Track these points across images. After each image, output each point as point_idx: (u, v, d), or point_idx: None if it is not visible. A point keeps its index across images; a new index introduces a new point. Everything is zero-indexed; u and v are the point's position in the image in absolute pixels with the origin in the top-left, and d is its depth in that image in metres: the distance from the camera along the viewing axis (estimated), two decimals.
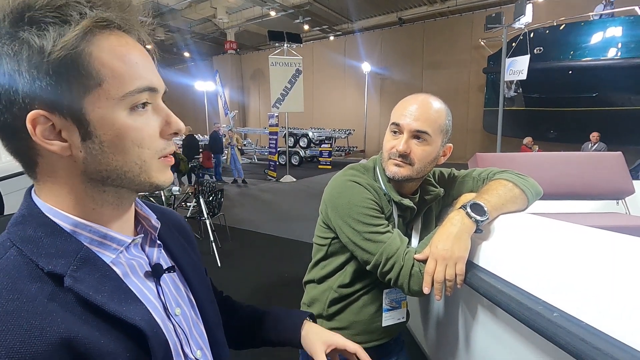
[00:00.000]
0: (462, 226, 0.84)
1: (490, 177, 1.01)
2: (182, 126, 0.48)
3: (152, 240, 0.54)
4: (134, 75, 0.42)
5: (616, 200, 2.09)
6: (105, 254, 0.45)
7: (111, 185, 0.45)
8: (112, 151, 0.42)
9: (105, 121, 0.41)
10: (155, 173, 0.46)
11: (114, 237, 0.46)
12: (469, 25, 14.09)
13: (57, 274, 0.39)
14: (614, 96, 9.36)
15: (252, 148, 16.56)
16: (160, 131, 0.46)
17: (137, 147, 0.44)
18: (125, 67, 0.42)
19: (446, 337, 1.14)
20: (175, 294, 0.54)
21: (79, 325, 0.38)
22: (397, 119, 0.93)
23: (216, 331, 0.60)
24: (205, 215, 4.13)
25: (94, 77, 0.40)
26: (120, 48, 0.42)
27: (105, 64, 0.40)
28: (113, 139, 0.42)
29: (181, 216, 0.68)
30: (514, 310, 0.66)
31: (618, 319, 0.51)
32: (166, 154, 0.47)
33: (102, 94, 0.40)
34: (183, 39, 19.02)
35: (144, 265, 0.50)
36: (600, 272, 0.56)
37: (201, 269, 0.63)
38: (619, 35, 9.06)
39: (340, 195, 0.95)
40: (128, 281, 0.46)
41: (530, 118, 11.08)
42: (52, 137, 0.40)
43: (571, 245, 0.65)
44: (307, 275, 1.16)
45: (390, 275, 0.89)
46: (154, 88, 0.45)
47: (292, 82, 10.28)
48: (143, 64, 0.44)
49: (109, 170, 0.43)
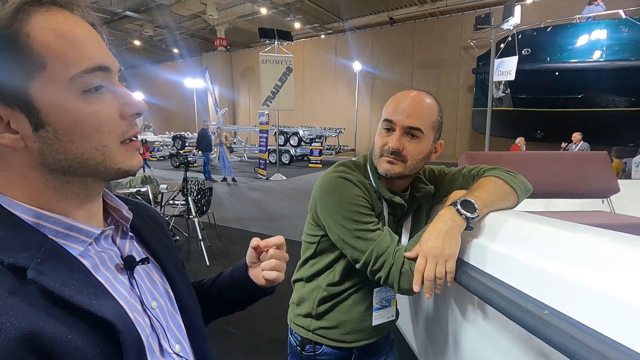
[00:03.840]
0: (452, 223, 0.83)
1: (481, 174, 1.01)
2: (143, 106, 0.46)
3: (123, 232, 0.52)
4: (80, 55, 0.39)
5: (602, 199, 2.12)
6: (72, 246, 0.43)
7: (74, 175, 0.42)
8: (69, 139, 0.40)
9: (57, 107, 0.38)
10: (121, 158, 0.44)
11: (81, 228, 0.44)
12: (459, 26, 14.24)
13: (19, 266, 0.37)
14: (599, 97, 9.56)
15: (242, 146, 16.45)
16: (120, 113, 0.43)
17: (96, 132, 0.41)
18: (68, 45, 0.39)
19: (436, 335, 1.13)
20: (151, 287, 0.52)
21: (44, 320, 0.36)
22: (389, 116, 0.92)
23: (196, 322, 0.58)
24: (194, 214, 4.08)
25: (34, 60, 0.37)
26: (61, 25, 0.39)
27: (45, 44, 0.37)
28: (69, 125, 0.39)
29: (155, 209, 0.66)
30: (505, 308, 0.66)
31: (610, 317, 0.50)
32: (129, 136, 0.44)
33: (48, 77, 0.38)
34: (172, 35, 18.76)
35: (114, 257, 0.48)
36: (592, 269, 0.55)
37: (178, 259, 0.62)
38: (604, 38, 9.25)
39: (330, 191, 0.93)
40: (98, 274, 0.44)
41: (518, 118, 11.25)
42: (1, 129, 0.38)
43: (561, 243, 0.64)
44: (295, 274, 1.14)
45: (380, 274, 0.88)
46: (105, 67, 0.41)
47: (282, 80, 10.23)
48: (89, 41, 0.41)
49: (69, 160, 0.41)
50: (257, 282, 0.69)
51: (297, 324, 1.10)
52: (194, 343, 0.56)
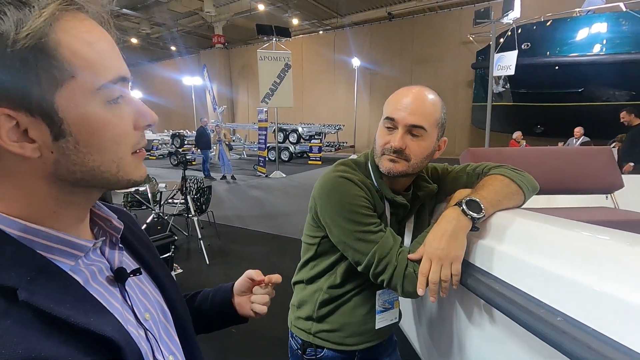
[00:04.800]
0: (457, 224, 0.80)
1: (486, 172, 0.98)
2: (156, 117, 0.45)
3: (112, 242, 0.50)
4: (106, 65, 0.39)
5: (605, 195, 2.09)
6: (63, 261, 0.41)
7: (83, 186, 0.41)
8: (88, 150, 0.39)
9: (81, 117, 0.37)
10: (132, 169, 0.43)
11: (74, 242, 0.41)
12: (458, 20, 14.15)
13: (8, 287, 0.34)
14: (599, 91, 9.50)
15: (241, 144, 16.41)
16: (135, 124, 0.43)
17: (115, 143, 0.41)
18: (97, 55, 0.38)
19: (440, 337, 1.11)
20: (142, 298, 0.50)
21: (42, 343, 0.33)
22: (391, 113, 0.89)
23: (189, 331, 0.58)
24: (193, 213, 4.05)
25: (66, 68, 0.36)
26: (89, 34, 0.38)
27: (76, 53, 0.36)
28: (89, 137, 0.38)
29: (131, 214, 0.64)
30: (514, 313, 0.63)
31: (628, 325, 0.47)
32: (140, 147, 0.44)
33: (76, 86, 0.37)
34: (169, 33, 18.64)
35: (104, 270, 0.46)
36: (610, 275, 0.52)
37: (166, 267, 0.61)
38: (604, 32, 9.18)
39: (331, 192, 0.90)
40: (90, 289, 0.42)
41: (518, 113, 11.19)
42: (16, 137, 0.35)
43: (576, 245, 0.61)
44: (295, 276, 1.11)
45: (383, 277, 0.85)
46: (126, 78, 0.41)
47: (281, 76, 10.17)
48: (112, 50, 0.41)
49: (84, 171, 0.40)
50: (239, 310, 0.71)
51: (298, 327, 1.07)
52: (187, 353, 0.55)
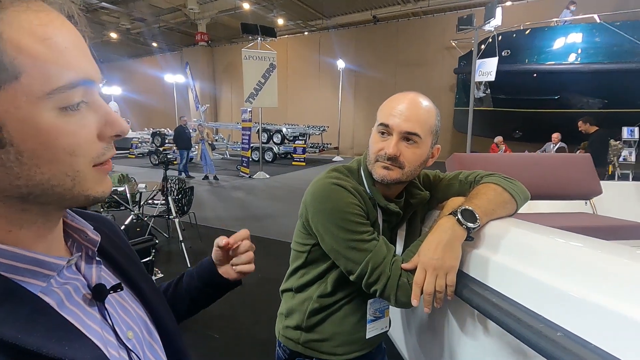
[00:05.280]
0: (453, 234, 0.79)
1: (478, 181, 0.97)
2: (126, 127, 0.39)
3: (88, 256, 0.45)
4: (63, 65, 0.33)
5: (585, 201, 2.16)
6: (32, 282, 0.36)
7: (34, 202, 0.35)
8: (35, 162, 0.32)
9: (26, 125, 0.31)
10: (92, 184, 0.37)
11: (43, 260, 0.36)
12: (441, 26, 14.41)
13: None
14: (574, 99, 9.87)
15: (224, 143, 16.15)
16: (99, 133, 0.37)
17: (70, 155, 0.34)
18: (51, 53, 0.32)
19: (430, 345, 1.10)
20: (124, 315, 0.46)
21: None
22: (385, 119, 0.87)
23: (178, 344, 0.54)
24: (174, 214, 3.94)
25: (7, 68, 0.30)
26: (44, 27, 0.32)
27: (23, 50, 0.30)
28: (36, 147, 0.32)
29: (112, 220, 0.59)
30: (511, 326, 0.62)
31: (632, 342, 0.47)
32: (105, 159, 0.38)
33: (21, 89, 0.31)
34: (151, 29, 18.19)
35: (80, 288, 0.41)
36: (613, 289, 0.52)
37: (150, 278, 0.56)
38: (579, 42, 9.55)
39: (324, 199, 0.88)
40: (65, 312, 0.37)
41: (498, 118, 11.49)
42: None
43: (573, 255, 0.61)
44: (284, 284, 1.08)
45: (376, 287, 0.83)
46: (90, 81, 0.35)
47: (265, 76, 10.08)
48: (75, 48, 0.34)
49: (31, 186, 0.33)
50: (228, 277, 0.70)
51: (286, 336, 1.04)
52: None
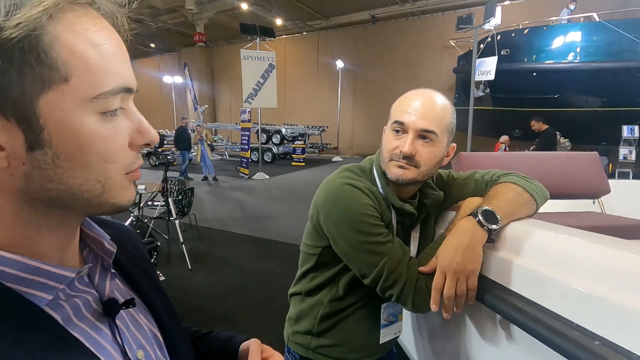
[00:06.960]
0: (473, 236, 0.75)
1: (495, 180, 0.94)
2: (156, 136, 0.38)
3: (104, 267, 0.42)
4: (110, 71, 0.33)
5: (592, 199, 2.13)
6: (37, 295, 0.33)
7: (58, 207, 0.34)
8: (69, 166, 0.32)
9: (67, 128, 0.31)
10: (120, 191, 0.36)
11: (51, 272, 0.34)
12: (440, 25, 14.39)
13: None
14: (573, 98, 9.87)
15: (223, 144, 16.10)
16: (130, 141, 0.36)
17: (104, 161, 0.34)
18: (101, 59, 0.32)
19: (445, 351, 1.07)
20: (136, 333, 0.43)
21: None
22: (400, 117, 0.84)
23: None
24: (174, 216, 3.90)
25: (59, 69, 0.29)
26: (96, 34, 0.32)
27: (76, 53, 0.30)
28: (73, 150, 0.31)
29: (132, 229, 0.56)
30: (542, 334, 0.59)
31: None
32: (134, 168, 0.37)
33: (68, 92, 0.30)
34: (148, 29, 18.11)
35: (91, 302, 0.39)
36: None
37: (165, 294, 0.53)
38: (579, 40, 9.55)
39: (337, 200, 0.84)
40: (72, 328, 0.35)
41: (497, 117, 11.47)
42: None
43: (606, 258, 0.58)
44: (293, 287, 1.05)
45: (392, 291, 0.80)
46: (130, 88, 0.35)
47: (264, 77, 10.04)
48: (120, 56, 0.34)
49: (61, 190, 0.32)
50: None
51: (296, 341, 1.01)
52: None
